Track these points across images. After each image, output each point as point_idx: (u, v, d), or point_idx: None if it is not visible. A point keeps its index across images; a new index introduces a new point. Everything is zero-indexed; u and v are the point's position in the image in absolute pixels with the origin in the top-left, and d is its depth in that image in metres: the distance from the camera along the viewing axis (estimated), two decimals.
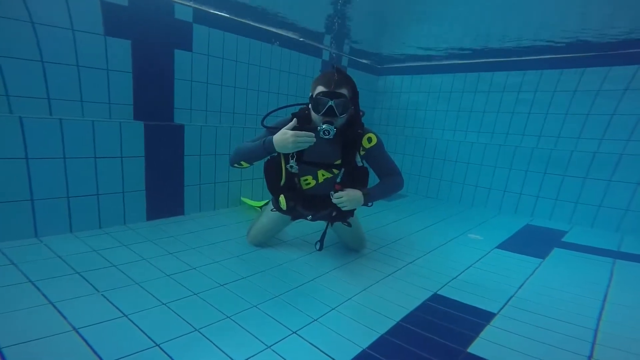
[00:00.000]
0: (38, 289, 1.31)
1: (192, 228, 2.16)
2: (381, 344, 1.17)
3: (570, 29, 2.34)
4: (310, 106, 1.57)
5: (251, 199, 2.82)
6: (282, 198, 1.71)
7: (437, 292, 1.59)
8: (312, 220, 1.81)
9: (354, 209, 1.71)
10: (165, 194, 2.28)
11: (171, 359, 1.02)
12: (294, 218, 1.89)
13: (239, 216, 2.50)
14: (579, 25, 2.26)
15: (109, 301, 1.28)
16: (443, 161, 3.62)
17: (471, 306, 1.48)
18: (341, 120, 1.56)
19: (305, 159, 1.66)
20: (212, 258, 1.75)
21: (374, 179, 1.75)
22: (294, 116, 1.64)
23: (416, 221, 2.76)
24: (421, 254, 2.05)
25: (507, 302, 1.53)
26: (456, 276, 1.78)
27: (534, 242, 2.43)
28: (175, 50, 2.32)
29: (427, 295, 1.56)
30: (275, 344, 1.13)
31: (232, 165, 1.74)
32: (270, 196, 1.88)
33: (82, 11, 1.88)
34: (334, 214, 1.72)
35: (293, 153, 1.60)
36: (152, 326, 1.16)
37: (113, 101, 2.09)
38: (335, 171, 1.72)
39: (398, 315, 1.36)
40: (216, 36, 2.51)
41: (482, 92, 3.42)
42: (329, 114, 1.50)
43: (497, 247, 2.27)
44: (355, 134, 1.62)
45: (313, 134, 1.50)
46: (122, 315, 1.20)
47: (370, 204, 1.68)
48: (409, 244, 2.21)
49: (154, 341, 1.08)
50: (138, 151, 2.08)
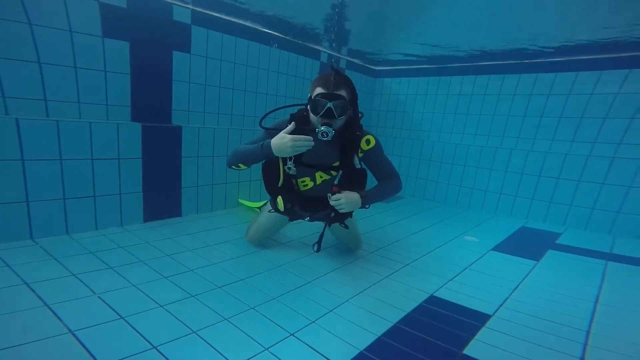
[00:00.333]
0: (33, 291, 1.30)
1: (190, 230, 2.16)
2: (378, 346, 1.18)
3: (565, 33, 2.38)
4: (308, 107, 1.57)
5: (249, 200, 2.82)
6: (279, 199, 1.71)
7: (434, 294, 1.60)
8: (310, 221, 1.81)
9: (352, 211, 1.71)
10: (162, 196, 2.27)
11: None
12: (292, 219, 1.89)
13: (237, 218, 2.50)
14: (573, 29, 2.30)
15: (106, 303, 1.27)
16: (440, 163, 3.65)
17: (467, 308, 1.49)
18: (340, 122, 1.56)
19: (303, 160, 1.66)
20: (209, 260, 1.75)
21: (372, 181, 1.75)
22: (292, 117, 1.64)
23: (413, 223, 2.78)
24: (418, 256, 2.06)
25: (502, 304, 1.55)
26: (452, 278, 1.79)
27: (528, 244, 2.46)
28: (174, 51, 2.32)
29: (424, 297, 1.57)
30: (273, 345, 1.13)
31: (229, 166, 1.74)
32: (268, 197, 1.88)
33: (80, 13, 1.87)
34: (332, 215, 1.72)
35: (291, 155, 1.61)
36: (149, 328, 1.15)
37: (110, 103, 2.08)
38: (334, 173, 1.72)
39: (395, 317, 1.37)
40: (214, 38, 2.52)
41: (479, 95, 3.46)
42: (328, 116, 1.50)
43: (492, 249, 2.29)
44: (353, 135, 1.62)
45: (311, 138, 1.50)
46: (118, 318, 1.20)
47: (367, 206, 1.68)
48: (405, 246, 2.22)
49: (151, 343, 1.08)
50: (135, 153, 2.08)
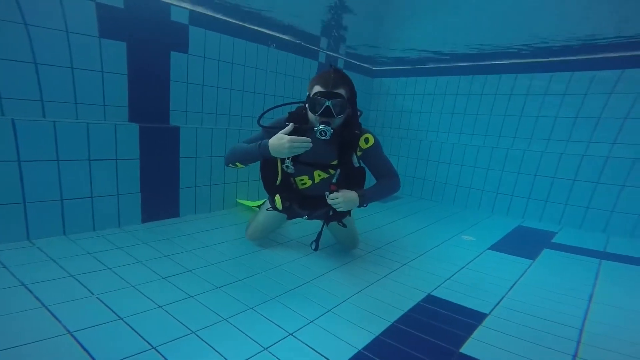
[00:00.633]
0: (31, 292, 1.30)
1: (188, 230, 2.16)
2: (376, 345, 1.19)
3: (563, 32, 2.40)
4: (307, 106, 1.56)
5: (247, 199, 2.82)
6: (277, 198, 1.71)
7: (431, 293, 1.61)
8: (309, 219, 1.81)
9: (350, 210, 1.71)
10: (160, 196, 2.27)
11: None
12: (290, 217, 1.89)
13: (235, 218, 2.50)
14: (571, 29, 2.32)
15: (104, 304, 1.28)
16: (437, 163, 3.67)
17: (464, 307, 1.51)
18: (338, 120, 1.55)
19: (302, 159, 1.65)
20: (208, 260, 1.75)
21: (370, 180, 1.76)
22: (290, 116, 1.63)
23: (411, 223, 2.80)
24: (415, 256, 2.08)
25: (498, 303, 1.57)
26: (450, 277, 1.81)
27: (525, 243, 2.48)
28: (171, 52, 2.31)
29: (421, 296, 1.58)
30: (272, 345, 1.14)
31: (226, 165, 1.73)
32: (267, 195, 1.88)
33: (76, 13, 1.86)
34: (330, 214, 1.72)
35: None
36: (149, 329, 1.16)
37: (108, 103, 2.08)
38: (332, 171, 1.71)
39: (393, 317, 1.38)
40: (212, 38, 2.52)
41: (476, 95, 3.48)
42: (326, 115, 1.49)
43: (489, 248, 2.31)
44: (352, 134, 1.61)
45: (310, 140, 1.49)
46: (117, 318, 1.20)
47: (365, 205, 1.68)
48: (403, 246, 2.24)
49: (150, 344, 1.09)
50: (133, 153, 2.07)
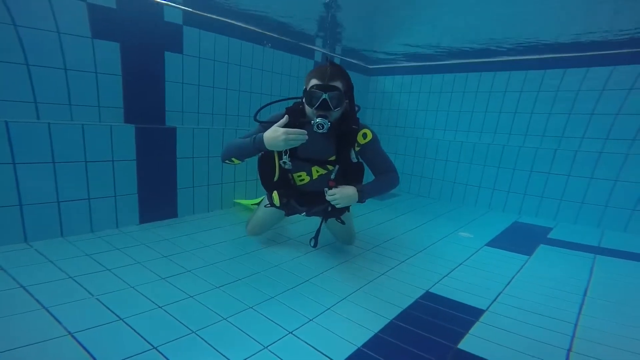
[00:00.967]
0: (30, 294, 1.30)
1: (186, 230, 2.16)
2: (375, 342, 1.20)
3: (552, 30, 2.42)
4: (303, 100, 1.55)
5: (245, 199, 2.82)
6: (275, 194, 1.70)
7: (429, 290, 1.63)
8: (307, 216, 1.81)
9: (349, 206, 1.71)
10: (157, 197, 2.26)
11: None
12: (289, 214, 1.88)
13: (233, 218, 2.50)
14: (560, 26, 2.34)
15: (104, 305, 1.28)
16: (434, 160, 3.69)
17: (462, 303, 1.52)
18: (336, 113, 1.53)
19: (299, 155, 1.64)
20: (207, 260, 1.76)
21: (369, 176, 1.75)
22: (287, 111, 1.61)
23: (408, 220, 2.81)
24: (413, 253, 2.09)
25: (495, 299, 1.59)
26: (447, 274, 1.83)
27: (521, 239, 2.51)
28: (166, 52, 2.30)
29: (420, 293, 1.59)
30: (272, 344, 1.15)
31: (223, 161, 1.72)
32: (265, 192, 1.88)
33: (67, 14, 1.85)
34: (329, 210, 1.71)
35: (286, 149, 1.58)
36: (149, 329, 1.16)
37: (103, 104, 2.06)
38: (330, 167, 1.69)
39: (391, 314, 1.40)
40: (207, 38, 2.51)
41: (471, 92, 3.50)
42: (323, 108, 1.47)
43: (486, 245, 2.33)
44: (350, 129, 1.60)
45: (305, 132, 1.48)
46: (117, 319, 1.20)
47: (364, 201, 1.66)
48: (401, 243, 2.25)
49: (151, 344, 1.09)
50: (129, 154, 2.07)
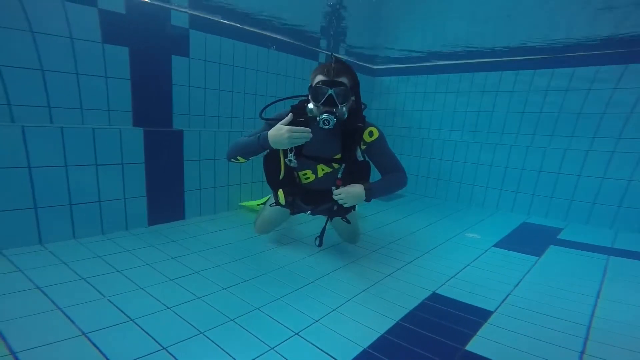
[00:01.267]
0: (46, 295, 1.34)
1: (193, 232, 2.18)
2: (381, 344, 1.20)
3: (562, 30, 2.39)
4: (309, 96, 1.54)
5: (251, 199, 2.84)
6: (280, 192, 1.70)
7: (436, 291, 1.62)
8: (312, 214, 1.81)
9: (355, 205, 1.69)
10: (165, 199, 2.30)
11: None
12: (294, 212, 1.88)
13: (239, 219, 2.53)
14: (571, 26, 2.31)
15: (115, 306, 1.31)
16: (440, 161, 3.66)
17: (469, 305, 1.51)
18: (342, 109, 1.51)
19: (305, 153, 1.64)
20: (214, 262, 1.78)
21: (375, 175, 1.73)
22: (293, 109, 1.60)
23: (414, 221, 2.80)
24: (420, 254, 2.09)
25: (504, 300, 1.57)
26: (454, 275, 1.82)
27: (530, 240, 2.48)
28: (173, 56, 2.34)
29: (426, 294, 1.59)
30: (278, 345, 1.16)
31: (229, 159, 1.73)
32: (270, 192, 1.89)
33: (80, 20, 1.91)
34: (334, 209, 1.71)
35: (292, 147, 1.58)
36: (159, 330, 1.18)
37: (112, 108, 2.11)
38: (335, 165, 1.69)
39: (398, 315, 1.40)
40: (213, 41, 2.54)
41: (477, 92, 3.47)
42: (329, 103, 1.47)
43: (494, 246, 2.31)
44: (355, 126, 1.58)
45: (309, 130, 1.48)
46: (128, 320, 1.23)
47: (369, 200, 1.64)
48: (407, 244, 2.25)
49: (160, 344, 1.11)
50: (138, 157, 2.11)
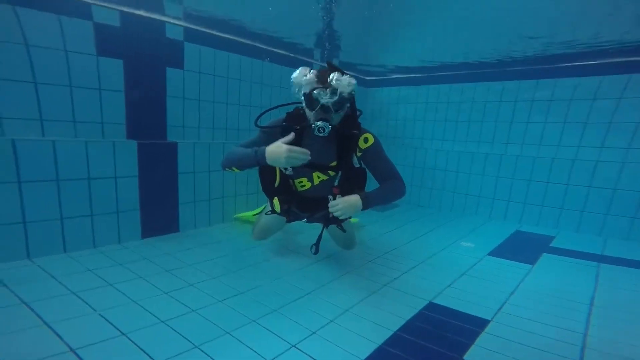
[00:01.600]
0: (32, 310, 1.30)
1: (188, 245, 2.15)
2: (379, 355, 1.19)
3: (542, 40, 2.49)
4: (304, 104, 1.53)
5: (246, 211, 2.82)
6: (276, 200, 1.69)
7: (432, 301, 1.62)
8: (308, 222, 1.80)
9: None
10: (159, 212, 2.27)
11: None
12: (290, 220, 1.86)
13: (234, 231, 2.50)
14: (572, 33, 2.39)
15: (107, 320, 1.27)
16: (433, 170, 3.71)
17: (466, 314, 1.51)
18: (337, 116, 1.51)
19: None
20: (209, 274, 1.75)
21: (372, 184, 1.72)
22: (288, 115, 1.60)
23: (409, 231, 2.81)
24: (415, 263, 2.09)
25: (500, 309, 1.57)
26: (450, 284, 1.82)
27: (523, 248, 2.50)
28: (167, 68, 2.36)
29: (423, 304, 1.59)
30: (275, 358, 1.14)
31: (223, 169, 1.70)
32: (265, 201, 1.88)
33: (75, 32, 1.91)
34: (330, 216, 1.68)
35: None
36: (152, 344, 1.15)
37: (106, 121, 2.10)
38: (331, 173, 1.68)
39: (395, 325, 1.39)
40: (207, 54, 2.57)
41: (467, 102, 3.55)
42: (324, 111, 1.46)
43: (488, 254, 2.33)
44: (351, 133, 1.58)
45: (308, 152, 1.47)
46: (120, 334, 1.20)
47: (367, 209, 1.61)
48: (403, 254, 2.25)
49: (153, 359, 1.08)
50: (131, 170, 2.09)
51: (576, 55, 2.71)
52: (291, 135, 1.52)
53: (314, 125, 1.48)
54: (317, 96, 1.46)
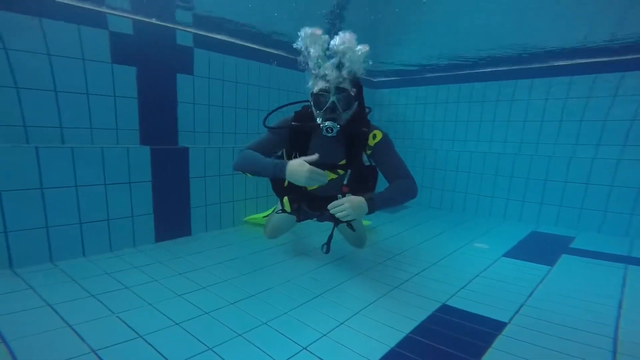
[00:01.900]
0: (56, 312, 1.34)
1: (200, 248, 2.18)
2: (392, 357, 1.18)
3: (558, 37, 2.43)
4: (311, 103, 1.51)
5: (256, 212, 2.83)
6: (285, 200, 1.69)
7: (446, 303, 1.59)
8: (318, 221, 1.79)
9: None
10: (172, 216, 2.31)
11: None
12: (300, 219, 1.85)
13: (245, 234, 2.53)
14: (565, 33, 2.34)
15: (124, 322, 1.30)
16: (444, 171, 3.66)
17: (481, 316, 1.48)
18: (345, 116, 1.49)
19: (309, 160, 1.62)
20: (220, 277, 1.77)
21: (383, 183, 1.68)
22: (296, 115, 1.59)
23: (420, 232, 2.78)
24: (427, 265, 2.06)
25: (517, 311, 1.53)
26: (464, 286, 1.78)
27: (541, 249, 2.43)
28: (178, 74, 2.41)
29: (436, 306, 1.56)
30: None
31: (235, 170, 1.67)
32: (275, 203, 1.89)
33: (92, 41, 1.98)
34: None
35: (296, 153, 1.57)
36: (167, 346, 1.17)
37: (120, 127, 2.16)
38: (341, 172, 1.65)
39: (407, 328, 1.37)
40: (216, 59, 2.61)
41: (477, 102, 3.49)
42: (332, 111, 1.44)
43: (503, 256, 2.27)
44: (360, 131, 1.55)
45: (327, 176, 1.45)
46: (137, 336, 1.22)
47: (374, 212, 1.57)
48: (414, 256, 2.22)
49: None
50: (145, 176, 2.13)
51: (592, 50, 2.63)
52: (315, 156, 1.47)
53: (322, 126, 1.46)
54: (324, 97, 1.45)
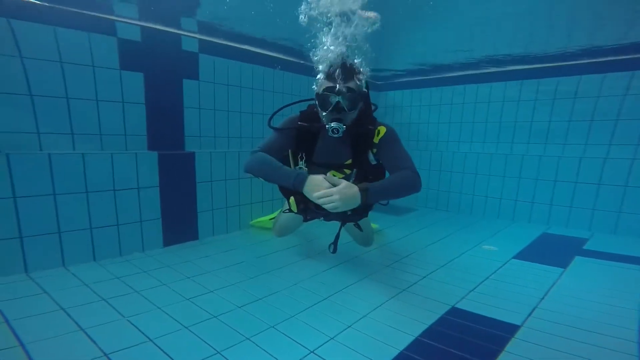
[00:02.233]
0: (70, 315, 1.36)
1: (207, 252, 2.19)
2: None
3: (565, 38, 2.40)
4: (316, 103, 1.50)
5: (262, 216, 2.84)
6: (292, 200, 1.68)
7: (455, 306, 1.57)
8: (325, 220, 1.78)
9: (367, 210, 1.64)
10: (179, 221, 2.33)
11: None
12: (307, 219, 1.84)
13: (252, 238, 2.53)
14: (577, 33, 2.31)
15: (135, 326, 1.31)
16: (450, 173, 3.63)
17: (492, 319, 1.45)
18: (351, 115, 1.47)
19: (315, 160, 1.61)
20: (228, 280, 1.78)
21: None
22: (302, 114, 1.58)
23: (428, 234, 2.75)
24: (435, 267, 2.03)
25: (530, 314, 1.50)
26: (474, 288, 1.76)
27: (552, 250, 2.38)
28: (184, 79, 2.44)
29: (445, 309, 1.54)
30: None
31: (246, 172, 1.62)
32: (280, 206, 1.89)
33: (101, 48, 2.02)
34: (348, 213, 1.62)
35: (302, 154, 1.57)
36: (177, 349, 1.18)
37: (128, 133, 2.19)
38: (347, 171, 1.64)
39: (416, 331, 1.35)
40: (221, 64, 2.63)
41: (483, 103, 3.46)
42: (337, 111, 1.43)
43: (514, 257, 2.24)
44: (366, 129, 1.53)
45: (337, 205, 1.37)
46: (147, 340, 1.23)
47: (386, 203, 1.54)
48: (422, 258, 2.20)
49: None
50: (153, 181, 2.15)
51: (602, 50, 2.59)
52: (338, 180, 1.42)
53: (327, 127, 1.46)
54: (329, 97, 1.43)
